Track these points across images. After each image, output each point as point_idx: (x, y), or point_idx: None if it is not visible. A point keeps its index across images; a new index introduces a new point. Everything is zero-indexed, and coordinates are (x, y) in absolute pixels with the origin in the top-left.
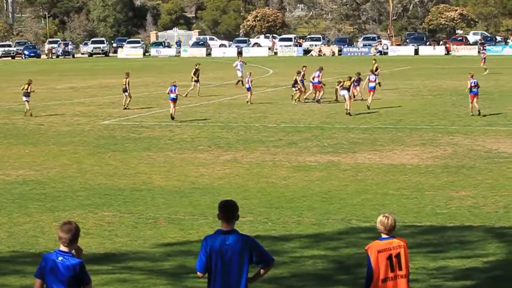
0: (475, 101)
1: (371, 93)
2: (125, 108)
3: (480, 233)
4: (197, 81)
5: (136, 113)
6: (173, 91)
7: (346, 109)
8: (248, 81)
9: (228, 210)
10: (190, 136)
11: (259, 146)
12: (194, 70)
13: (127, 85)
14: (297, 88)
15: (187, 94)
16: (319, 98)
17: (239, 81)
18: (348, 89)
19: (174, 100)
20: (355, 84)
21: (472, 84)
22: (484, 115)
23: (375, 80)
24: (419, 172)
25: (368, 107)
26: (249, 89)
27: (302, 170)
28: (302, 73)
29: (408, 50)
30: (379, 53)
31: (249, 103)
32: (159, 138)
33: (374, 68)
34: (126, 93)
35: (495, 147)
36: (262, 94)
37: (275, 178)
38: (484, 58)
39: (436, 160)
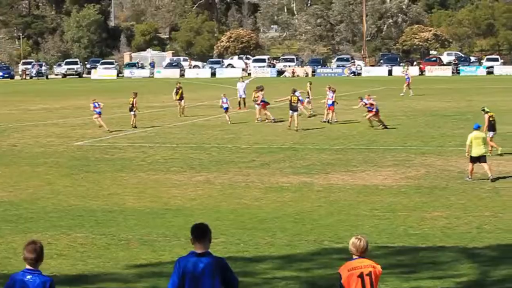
0: None
1: (331, 110)
2: (134, 127)
3: (453, 253)
4: (180, 99)
5: (109, 134)
6: (96, 106)
7: (296, 127)
8: (225, 101)
9: (200, 233)
10: (163, 157)
11: (232, 167)
12: (175, 89)
13: (133, 104)
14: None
15: (180, 115)
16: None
17: (239, 101)
18: (295, 108)
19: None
20: (301, 100)
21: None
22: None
23: (332, 98)
24: (392, 193)
25: (330, 122)
26: (226, 109)
27: (274, 191)
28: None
29: (381, 70)
30: (352, 74)
31: (229, 123)
32: (132, 159)
33: (306, 92)
34: (132, 112)
35: (468, 168)
36: (235, 115)
37: (248, 199)
38: (408, 78)
39: (409, 180)
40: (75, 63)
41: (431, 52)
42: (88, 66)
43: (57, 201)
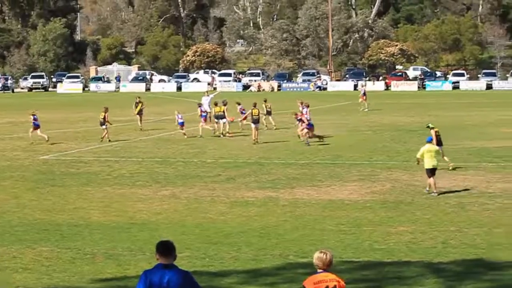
0: None
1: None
2: (109, 141)
3: (418, 268)
4: (139, 114)
5: (75, 148)
6: (35, 119)
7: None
8: (180, 117)
9: (166, 249)
10: (128, 171)
11: (198, 182)
12: (134, 103)
13: (105, 118)
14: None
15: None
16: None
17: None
18: (257, 121)
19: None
20: (243, 112)
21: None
22: None
23: (307, 113)
24: (358, 208)
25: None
26: (182, 124)
27: (240, 206)
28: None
29: (347, 85)
30: (318, 89)
31: (186, 137)
32: (98, 173)
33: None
34: (104, 127)
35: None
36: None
37: (213, 213)
38: (364, 94)
39: (375, 195)
40: (41, 76)
41: (397, 67)
42: (54, 80)
43: (23, 215)
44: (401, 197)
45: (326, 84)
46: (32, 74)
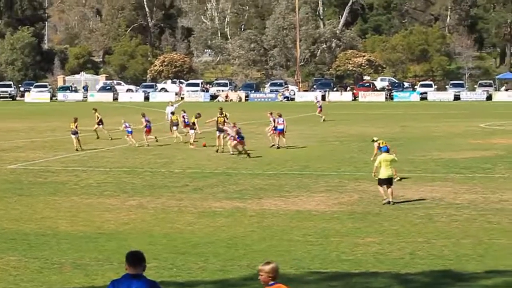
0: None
1: (281, 135)
2: (77, 150)
3: (385, 279)
4: (99, 124)
5: (43, 157)
6: None
7: (221, 146)
8: (127, 125)
9: (136, 259)
10: (96, 181)
11: (165, 192)
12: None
13: (76, 128)
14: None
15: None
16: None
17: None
18: (222, 129)
19: None
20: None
21: (279, 122)
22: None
23: (283, 122)
24: (325, 219)
25: (279, 147)
26: (130, 132)
27: (207, 216)
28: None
29: (315, 96)
30: (286, 99)
31: (137, 145)
32: (65, 183)
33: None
34: (75, 136)
35: (401, 194)
36: (168, 140)
37: (181, 223)
38: (320, 106)
39: (342, 206)
40: (9, 85)
41: (364, 77)
42: (21, 89)
43: None
44: (368, 208)
45: (294, 94)
46: (0, 83)
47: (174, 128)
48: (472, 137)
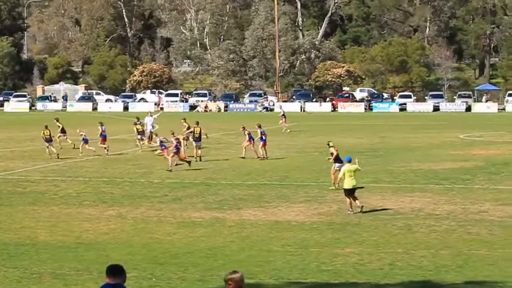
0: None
1: (264, 146)
2: (51, 157)
3: None
4: (62, 132)
5: (22, 167)
6: None
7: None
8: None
9: (116, 271)
10: (75, 191)
11: (144, 202)
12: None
13: (50, 135)
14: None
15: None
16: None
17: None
18: (199, 139)
19: None
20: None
21: (262, 133)
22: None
23: (263, 133)
24: (304, 229)
25: (266, 158)
26: (86, 141)
27: (187, 226)
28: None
29: (294, 106)
30: (265, 109)
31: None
32: (45, 192)
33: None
34: (49, 143)
35: (380, 204)
36: (148, 150)
37: (160, 234)
38: (284, 116)
39: (322, 216)
40: None
41: (344, 88)
42: (0, 98)
43: None
44: (347, 218)
45: (273, 105)
46: None
47: (139, 136)
48: (451, 148)
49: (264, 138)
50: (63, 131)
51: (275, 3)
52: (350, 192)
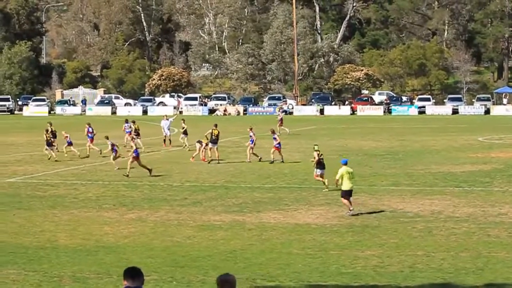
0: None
1: (278, 150)
2: (56, 160)
3: None
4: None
5: (41, 171)
6: None
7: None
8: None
9: (134, 274)
10: (95, 194)
11: (164, 205)
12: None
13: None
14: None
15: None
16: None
17: (164, 139)
18: (216, 141)
19: None
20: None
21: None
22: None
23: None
24: (324, 232)
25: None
26: (70, 143)
27: (206, 229)
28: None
29: (313, 110)
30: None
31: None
32: (64, 196)
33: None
34: (49, 147)
35: (400, 207)
36: (168, 153)
37: (180, 237)
38: (281, 119)
39: (341, 219)
40: (7, 99)
41: (362, 91)
42: (19, 103)
43: None
44: (367, 221)
45: (292, 108)
46: None
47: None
48: (470, 151)
49: (278, 143)
50: (53, 135)
51: (293, 6)
52: (348, 194)
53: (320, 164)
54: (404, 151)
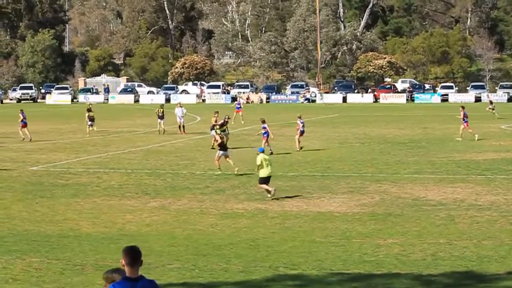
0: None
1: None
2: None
3: (407, 280)
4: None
5: (64, 159)
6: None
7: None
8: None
9: (133, 256)
10: (117, 182)
11: (187, 193)
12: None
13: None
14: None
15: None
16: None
17: (179, 126)
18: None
19: None
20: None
21: (300, 124)
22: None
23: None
24: (347, 220)
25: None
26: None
27: (229, 218)
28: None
29: (336, 97)
30: (307, 101)
31: None
32: (87, 184)
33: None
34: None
35: (422, 195)
36: (190, 141)
37: (203, 225)
38: (239, 107)
39: (364, 207)
40: (30, 88)
41: (385, 79)
42: (42, 91)
43: (12, 226)
44: (390, 209)
45: (315, 96)
46: (21, 85)
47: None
48: (493, 139)
49: (303, 129)
50: (91, 119)
51: None
52: (266, 180)
53: (222, 147)
54: (426, 139)
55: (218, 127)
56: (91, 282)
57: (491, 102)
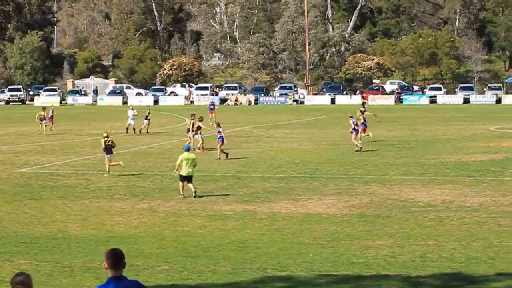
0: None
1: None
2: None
3: (396, 282)
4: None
5: (52, 161)
6: None
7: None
8: None
9: (117, 262)
10: (106, 184)
11: (175, 195)
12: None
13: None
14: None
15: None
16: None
17: (128, 127)
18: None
19: None
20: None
21: (354, 124)
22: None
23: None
24: (335, 221)
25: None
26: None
27: (218, 219)
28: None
29: (324, 99)
30: (295, 102)
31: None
32: (75, 186)
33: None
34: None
35: (411, 196)
36: (178, 143)
37: (191, 227)
38: (212, 108)
39: (353, 209)
40: (18, 89)
41: (374, 81)
42: (31, 93)
43: (1, 228)
44: (379, 211)
45: (304, 97)
46: (9, 87)
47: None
48: (481, 140)
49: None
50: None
51: None
52: (185, 179)
53: (107, 150)
54: (415, 140)
55: (195, 130)
56: (80, 284)
57: (363, 105)
